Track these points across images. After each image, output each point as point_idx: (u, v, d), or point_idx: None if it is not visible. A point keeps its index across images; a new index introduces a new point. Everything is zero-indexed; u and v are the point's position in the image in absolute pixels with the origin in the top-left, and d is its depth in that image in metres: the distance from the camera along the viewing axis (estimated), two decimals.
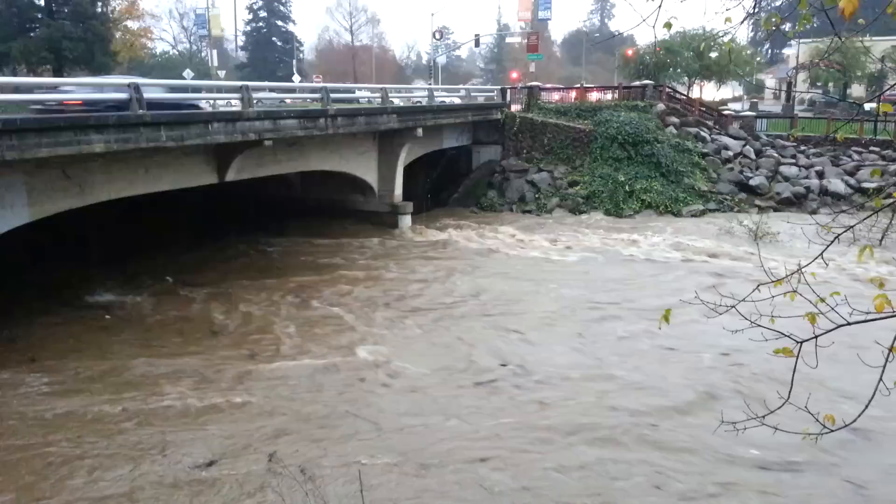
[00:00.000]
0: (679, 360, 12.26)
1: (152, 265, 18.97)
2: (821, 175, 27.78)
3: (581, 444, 9.32)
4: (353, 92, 28.82)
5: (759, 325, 3.73)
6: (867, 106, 27.94)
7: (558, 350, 12.93)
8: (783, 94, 53.25)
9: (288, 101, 24.23)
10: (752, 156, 29.11)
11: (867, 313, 3.48)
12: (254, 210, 25.47)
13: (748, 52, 53.20)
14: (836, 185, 26.90)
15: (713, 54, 42.21)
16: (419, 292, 16.84)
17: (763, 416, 3.92)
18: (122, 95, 13.76)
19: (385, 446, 9.21)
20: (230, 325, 14.41)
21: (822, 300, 3.61)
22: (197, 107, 17.97)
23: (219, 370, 11.83)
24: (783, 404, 3.83)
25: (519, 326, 14.19)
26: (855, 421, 3.74)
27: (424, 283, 17.74)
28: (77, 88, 14.96)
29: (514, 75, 58.50)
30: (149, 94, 14.44)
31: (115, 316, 15.01)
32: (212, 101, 20.05)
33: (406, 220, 24.66)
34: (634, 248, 21.40)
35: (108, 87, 15.38)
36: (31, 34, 38.80)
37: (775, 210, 25.83)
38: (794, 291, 3.55)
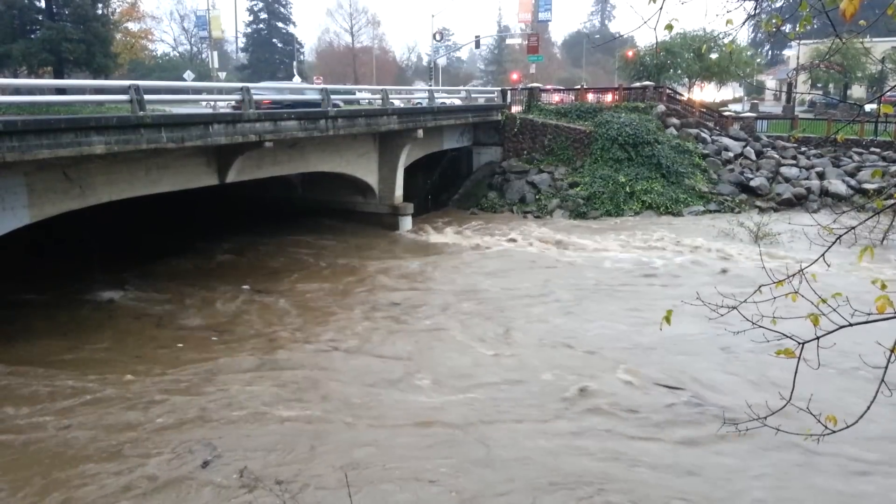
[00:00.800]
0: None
1: (180, 270, 18.94)
2: (821, 176, 27.77)
3: None
4: (354, 93, 28.84)
5: (762, 326, 3.72)
6: (868, 107, 28.07)
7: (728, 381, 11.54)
8: (783, 96, 53.26)
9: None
10: (753, 157, 29.11)
11: (868, 314, 3.47)
12: (256, 211, 25.47)
13: (749, 53, 53.11)
14: (837, 186, 26.89)
15: (714, 55, 42.23)
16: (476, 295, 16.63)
17: (765, 417, 3.91)
18: (316, 97, 20.99)
19: None
20: (333, 337, 13.98)
21: (824, 301, 3.60)
22: (338, 106, 22.85)
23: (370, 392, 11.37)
24: (785, 405, 3.83)
25: (618, 342, 13.38)
26: (857, 422, 3.73)
27: (459, 287, 17.47)
28: (266, 91, 20.90)
29: (515, 77, 58.42)
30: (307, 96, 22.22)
31: (222, 331, 14.36)
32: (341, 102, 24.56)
33: (406, 222, 24.65)
34: (618, 247, 21.35)
35: (284, 89, 21.87)
36: (32, 36, 38.72)
37: (776, 211, 25.84)
38: (796, 293, 3.54)
